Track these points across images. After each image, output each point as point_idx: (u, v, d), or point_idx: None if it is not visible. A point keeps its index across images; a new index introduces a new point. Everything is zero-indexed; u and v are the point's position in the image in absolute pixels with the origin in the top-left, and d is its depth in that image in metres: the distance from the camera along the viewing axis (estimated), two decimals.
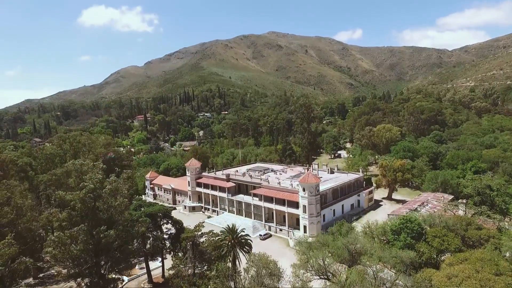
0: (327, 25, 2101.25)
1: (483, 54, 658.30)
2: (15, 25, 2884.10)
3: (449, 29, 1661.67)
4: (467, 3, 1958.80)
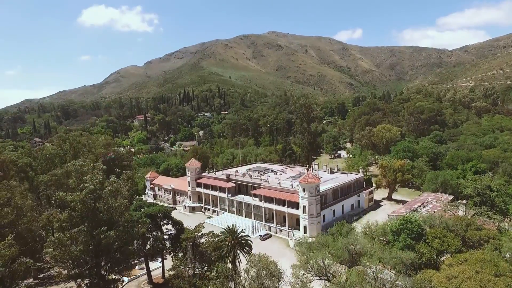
0: (327, 25, 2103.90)
1: (483, 54, 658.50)
2: (15, 25, 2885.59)
3: (449, 29, 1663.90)
4: (467, 3, 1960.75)
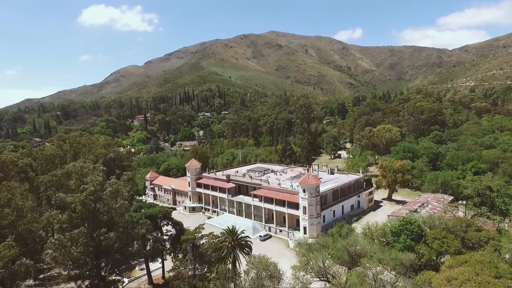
0: (327, 25, 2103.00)
1: (483, 53, 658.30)
2: (15, 25, 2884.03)
3: (449, 29, 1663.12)
4: (467, 3, 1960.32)
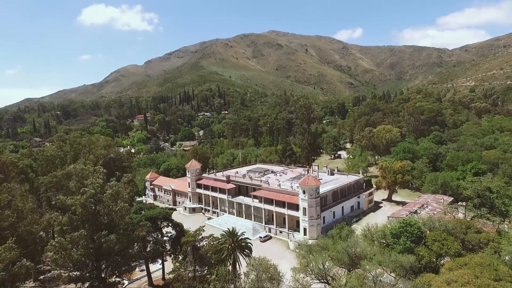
0: (327, 24, 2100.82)
1: (483, 53, 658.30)
2: (15, 25, 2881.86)
3: (449, 28, 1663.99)
4: (467, 2, 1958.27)
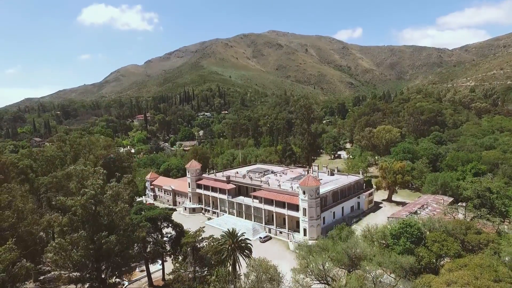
0: (327, 24, 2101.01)
1: (484, 53, 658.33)
2: (15, 24, 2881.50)
3: (449, 28, 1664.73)
4: (467, 2, 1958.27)
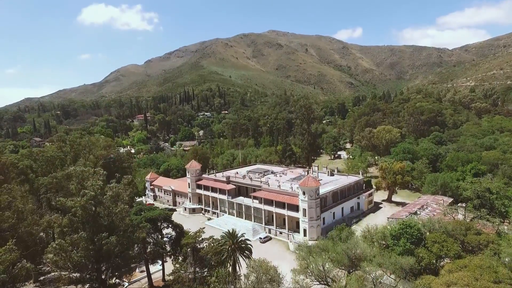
0: (327, 24, 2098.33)
1: (484, 53, 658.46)
2: (15, 24, 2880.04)
3: (449, 28, 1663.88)
4: (467, 2, 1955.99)
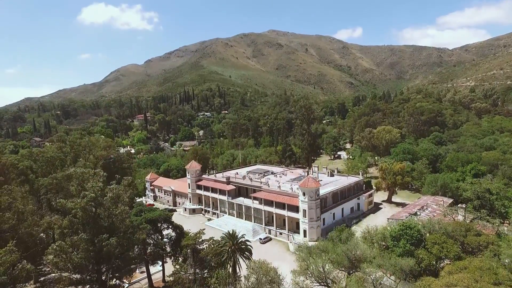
0: (327, 24, 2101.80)
1: (484, 53, 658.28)
2: (15, 24, 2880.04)
3: (450, 28, 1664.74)
4: (467, 2, 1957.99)
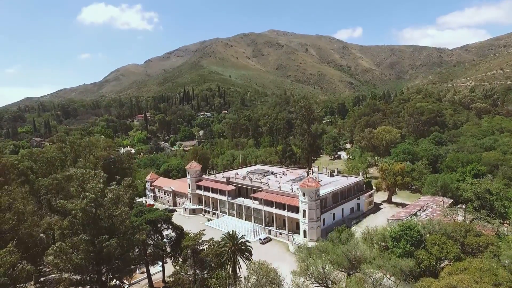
0: (327, 24, 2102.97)
1: (484, 53, 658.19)
2: (15, 24, 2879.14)
3: (449, 28, 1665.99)
4: (468, 2, 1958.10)
